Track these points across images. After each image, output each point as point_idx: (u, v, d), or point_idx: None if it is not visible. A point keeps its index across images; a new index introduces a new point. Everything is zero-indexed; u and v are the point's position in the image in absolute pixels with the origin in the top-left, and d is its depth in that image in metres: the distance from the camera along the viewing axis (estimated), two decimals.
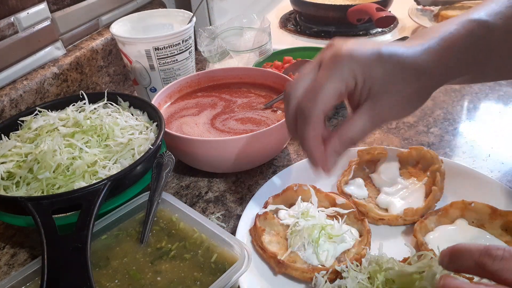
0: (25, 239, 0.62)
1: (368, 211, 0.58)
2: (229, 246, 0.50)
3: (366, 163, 0.67)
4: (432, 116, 0.83)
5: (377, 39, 1.13)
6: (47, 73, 0.80)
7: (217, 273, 0.47)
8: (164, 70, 0.83)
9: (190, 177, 0.72)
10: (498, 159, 0.70)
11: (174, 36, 0.80)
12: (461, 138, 0.76)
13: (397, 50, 0.44)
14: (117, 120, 0.66)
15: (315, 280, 0.50)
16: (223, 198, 0.67)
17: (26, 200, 0.50)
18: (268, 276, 0.53)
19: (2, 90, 0.73)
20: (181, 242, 0.52)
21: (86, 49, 0.88)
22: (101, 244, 0.52)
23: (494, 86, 0.91)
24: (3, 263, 0.59)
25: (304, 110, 0.43)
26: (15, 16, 0.75)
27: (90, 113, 0.68)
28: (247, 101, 0.79)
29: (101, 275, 0.48)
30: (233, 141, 0.64)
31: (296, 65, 0.92)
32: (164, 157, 0.62)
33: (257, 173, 0.71)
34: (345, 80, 0.42)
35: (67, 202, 0.52)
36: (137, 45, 0.80)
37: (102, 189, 0.52)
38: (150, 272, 0.48)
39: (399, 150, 0.67)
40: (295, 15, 1.31)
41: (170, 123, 0.74)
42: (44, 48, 0.82)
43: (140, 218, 0.55)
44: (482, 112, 0.83)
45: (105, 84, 0.94)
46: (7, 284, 0.46)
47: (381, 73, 0.43)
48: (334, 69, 0.42)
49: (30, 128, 0.65)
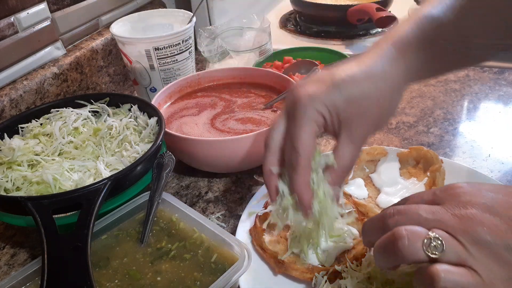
0: (25, 239, 0.62)
1: (368, 211, 0.58)
2: (229, 246, 0.50)
3: (366, 163, 0.67)
4: (432, 116, 0.83)
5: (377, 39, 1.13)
6: (47, 73, 0.80)
7: (217, 273, 0.47)
8: (164, 70, 0.83)
9: (190, 177, 0.72)
10: (498, 159, 0.70)
11: (174, 36, 0.80)
12: (461, 138, 0.76)
13: (350, 73, 0.45)
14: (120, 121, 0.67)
15: (315, 280, 0.50)
16: (223, 198, 0.67)
17: (26, 200, 0.50)
18: (268, 276, 0.53)
19: (2, 90, 0.73)
20: (181, 242, 0.52)
21: (86, 49, 0.88)
22: (101, 244, 0.52)
23: (494, 86, 0.91)
24: (3, 263, 0.59)
25: (291, 162, 0.45)
26: (15, 16, 0.75)
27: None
28: (247, 101, 0.79)
29: (101, 275, 0.48)
30: (233, 141, 0.64)
31: (296, 65, 0.92)
32: (165, 157, 0.62)
33: (257, 173, 0.71)
34: (313, 120, 0.44)
35: (67, 201, 0.52)
36: (137, 45, 0.80)
37: (102, 188, 0.52)
38: (150, 272, 0.48)
39: (399, 150, 0.67)
40: (295, 15, 1.31)
41: (170, 123, 0.74)
42: (44, 48, 0.82)
43: (140, 218, 0.55)
44: (482, 112, 0.83)
45: (105, 84, 0.94)
46: (7, 284, 0.46)
47: (342, 102, 0.44)
48: (299, 115, 0.44)
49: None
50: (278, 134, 0.47)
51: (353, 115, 0.44)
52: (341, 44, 1.13)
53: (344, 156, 0.45)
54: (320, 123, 0.45)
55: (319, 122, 0.45)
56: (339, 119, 0.45)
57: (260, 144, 0.65)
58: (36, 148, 0.63)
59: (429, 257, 0.34)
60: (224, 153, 0.66)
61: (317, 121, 0.44)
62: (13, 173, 0.59)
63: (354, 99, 0.44)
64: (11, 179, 0.58)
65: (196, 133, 0.71)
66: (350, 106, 0.44)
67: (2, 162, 0.61)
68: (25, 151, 0.62)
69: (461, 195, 0.36)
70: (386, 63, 0.45)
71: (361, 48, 1.09)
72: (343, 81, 0.44)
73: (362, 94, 0.44)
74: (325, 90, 0.44)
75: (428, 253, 0.34)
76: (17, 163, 0.61)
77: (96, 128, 0.67)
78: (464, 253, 0.34)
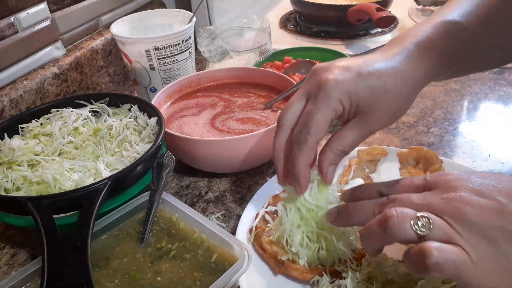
0: (25, 239, 0.62)
1: None
2: (229, 246, 0.50)
3: (366, 163, 0.67)
4: (432, 116, 0.83)
5: (377, 39, 1.13)
6: (47, 73, 0.80)
7: (217, 273, 0.47)
8: (164, 70, 0.83)
9: (190, 177, 0.72)
10: (498, 159, 0.70)
11: (174, 36, 0.80)
12: (461, 138, 0.76)
13: (376, 66, 0.46)
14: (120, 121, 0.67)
15: (315, 280, 0.50)
16: (223, 198, 0.67)
17: (26, 200, 0.50)
18: (268, 276, 0.53)
19: (2, 90, 0.73)
20: (181, 242, 0.52)
21: (86, 49, 0.88)
22: (101, 244, 0.52)
23: (494, 86, 0.91)
24: (3, 263, 0.59)
25: (300, 138, 0.46)
26: (15, 16, 0.75)
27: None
28: (247, 101, 0.79)
29: (101, 275, 0.48)
30: (233, 141, 0.64)
31: (296, 65, 0.92)
32: (165, 157, 0.62)
33: (257, 173, 0.71)
34: (333, 108, 0.45)
35: (67, 201, 0.52)
36: (137, 45, 0.80)
37: (102, 188, 0.52)
38: (150, 272, 0.48)
39: (399, 150, 0.67)
40: (295, 15, 1.31)
41: (170, 123, 0.74)
42: (44, 48, 0.82)
43: (140, 218, 0.55)
44: (482, 112, 0.83)
45: (105, 84, 0.94)
46: (7, 284, 0.46)
47: (364, 93, 0.45)
48: (322, 99, 0.45)
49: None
50: (293, 115, 0.48)
51: (370, 107, 0.46)
52: (341, 44, 1.13)
53: (347, 138, 0.47)
54: (339, 112, 0.46)
55: (338, 111, 0.46)
56: (356, 109, 0.46)
57: (260, 144, 0.66)
58: (36, 148, 0.63)
59: (418, 235, 0.36)
60: (224, 153, 0.66)
61: (336, 109, 0.45)
62: (13, 173, 0.59)
63: (376, 92, 0.45)
64: (11, 179, 0.58)
65: (196, 133, 0.71)
66: (371, 98, 0.45)
67: (2, 162, 0.61)
68: (25, 151, 0.62)
69: (451, 181, 0.38)
70: (409, 62, 0.47)
71: (361, 48, 1.09)
72: (369, 73, 0.45)
73: (384, 88, 0.45)
74: (351, 79, 0.45)
75: (417, 230, 0.36)
76: (17, 163, 0.61)
77: (96, 128, 0.67)
78: (451, 231, 0.35)
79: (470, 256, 0.34)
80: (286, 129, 0.48)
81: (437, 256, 0.34)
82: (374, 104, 0.46)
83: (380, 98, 0.45)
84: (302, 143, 0.45)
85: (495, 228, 0.34)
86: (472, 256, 0.34)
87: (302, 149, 0.45)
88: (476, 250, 0.34)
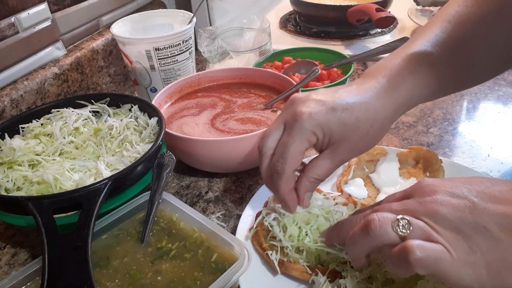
0: (25, 239, 0.62)
1: None
2: (229, 246, 0.50)
3: (365, 163, 0.67)
4: (432, 116, 0.83)
5: (377, 39, 1.14)
6: (48, 73, 0.80)
7: (217, 272, 0.48)
8: (165, 70, 0.83)
9: (190, 177, 0.72)
10: (497, 159, 0.70)
11: (174, 36, 0.80)
12: (461, 138, 0.76)
13: (350, 100, 0.49)
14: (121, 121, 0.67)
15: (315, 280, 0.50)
16: (223, 198, 0.67)
17: (27, 200, 0.51)
18: (268, 276, 0.53)
19: (3, 90, 0.73)
20: (181, 242, 0.52)
21: (87, 50, 0.88)
22: (101, 244, 0.52)
23: (493, 86, 0.91)
24: (3, 263, 0.59)
25: (277, 168, 0.49)
26: (16, 16, 0.75)
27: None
28: (247, 101, 0.79)
29: (102, 274, 0.48)
30: (233, 141, 0.65)
31: (296, 65, 0.92)
32: (165, 157, 0.62)
33: (257, 173, 0.71)
34: (307, 139, 0.48)
35: (68, 201, 0.52)
36: (138, 46, 0.80)
37: (102, 188, 0.53)
38: (151, 271, 0.49)
39: (399, 150, 0.67)
40: (295, 15, 1.31)
41: (171, 123, 0.74)
42: (45, 49, 0.82)
43: (141, 218, 0.55)
44: (482, 112, 0.83)
45: (105, 85, 0.95)
46: (7, 284, 0.46)
47: (337, 127, 0.48)
48: (296, 131, 0.48)
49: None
50: (273, 142, 0.51)
51: (342, 140, 0.49)
52: (341, 44, 1.13)
53: (321, 167, 0.50)
54: (313, 142, 0.49)
55: (311, 141, 0.49)
56: (330, 140, 0.49)
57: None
58: (36, 148, 0.63)
59: (399, 235, 0.38)
60: (224, 153, 0.66)
61: (310, 140, 0.48)
62: (13, 173, 0.59)
63: (348, 126, 0.48)
64: (11, 179, 0.58)
65: (197, 133, 0.71)
66: (343, 132, 0.48)
67: (3, 162, 0.61)
68: (25, 151, 0.62)
69: (426, 187, 0.41)
70: (382, 98, 0.49)
71: (361, 48, 1.09)
72: (343, 108, 0.48)
73: (356, 122, 0.48)
74: (325, 113, 0.48)
75: (398, 231, 0.38)
76: (17, 163, 0.61)
77: (97, 128, 0.67)
78: (429, 230, 0.37)
79: (449, 251, 0.36)
80: (268, 156, 0.51)
81: (419, 252, 0.36)
82: (346, 137, 0.49)
83: (351, 133, 0.48)
84: (281, 173, 0.49)
85: (469, 224, 0.37)
86: (450, 251, 0.36)
87: (281, 178, 0.49)
88: (453, 245, 0.36)
